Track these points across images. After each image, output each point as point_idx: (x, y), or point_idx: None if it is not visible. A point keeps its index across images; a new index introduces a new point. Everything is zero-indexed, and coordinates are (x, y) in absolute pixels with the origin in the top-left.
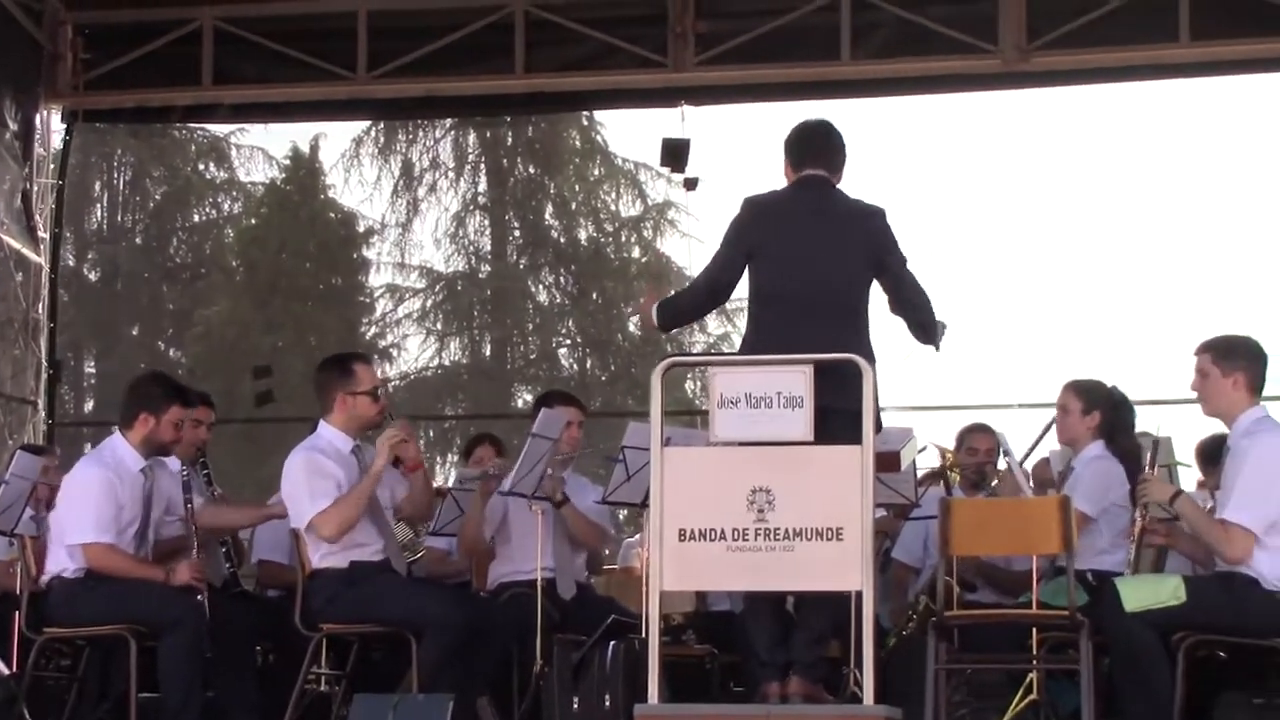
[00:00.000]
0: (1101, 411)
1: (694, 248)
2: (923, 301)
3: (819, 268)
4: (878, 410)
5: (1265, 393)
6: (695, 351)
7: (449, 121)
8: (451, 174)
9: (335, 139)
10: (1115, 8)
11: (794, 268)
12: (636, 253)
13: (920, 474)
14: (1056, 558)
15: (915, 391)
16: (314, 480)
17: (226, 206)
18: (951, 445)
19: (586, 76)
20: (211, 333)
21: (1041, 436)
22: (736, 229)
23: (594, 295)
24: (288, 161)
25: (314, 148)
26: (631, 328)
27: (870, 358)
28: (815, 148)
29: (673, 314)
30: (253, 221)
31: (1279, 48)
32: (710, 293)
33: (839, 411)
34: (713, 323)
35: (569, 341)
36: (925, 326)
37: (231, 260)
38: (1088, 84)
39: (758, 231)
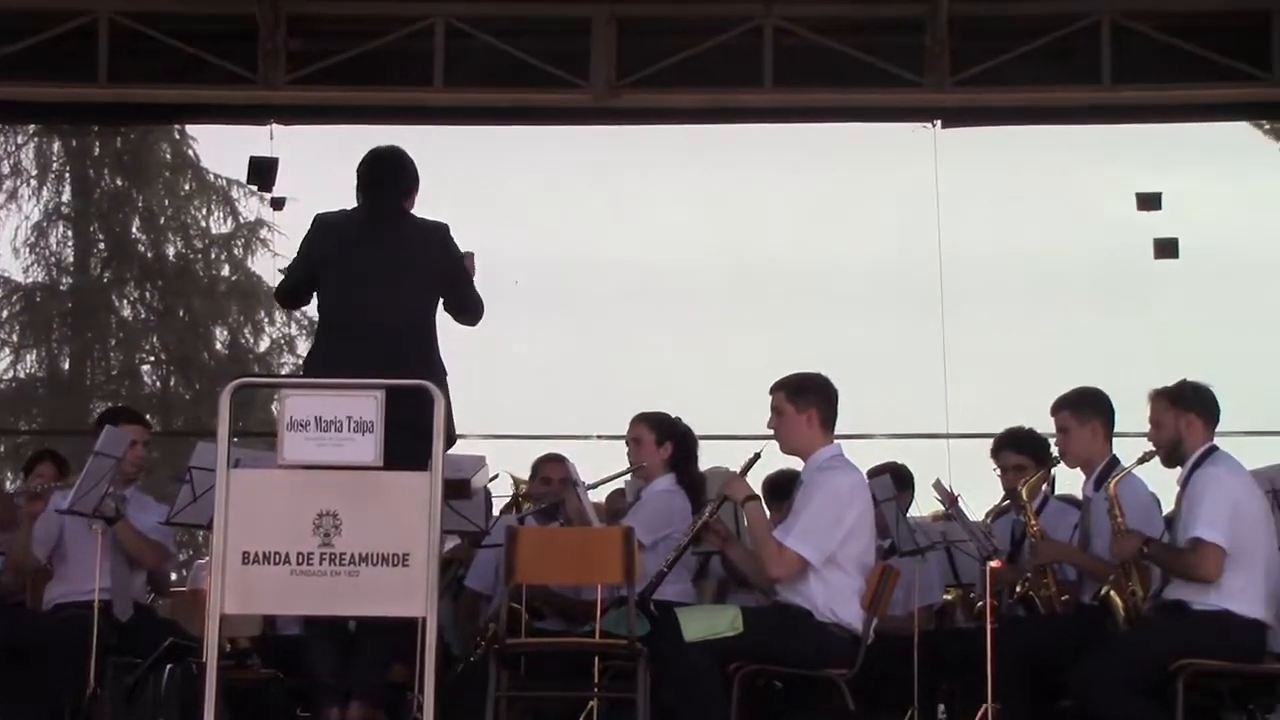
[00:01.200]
0: (672, 443)
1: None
2: (478, 316)
3: (383, 289)
4: (450, 424)
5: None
6: (284, 374)
7: (32, 128)
8: (34, 182)
9: None
10: (704, 50)
11: (358, 289)
12: (226, 270)
13: (500, 503)
14: (619, 587)
15: (492, 421)
16: None
17: None
18: (526, 474)
19: (174, 89)
20: None
21: (625, 473)
22: (305, 245)
23: (180, 312)
24: None
25: None
26: (218, 346)
27: (440, 375)
28: (383, 173)
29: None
30: None
31: (857, 98)
32: (288, 293)
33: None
34: (303, 345)
35: (153, 358)
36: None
37: None
38: (677, 123)
39: (323, 250)
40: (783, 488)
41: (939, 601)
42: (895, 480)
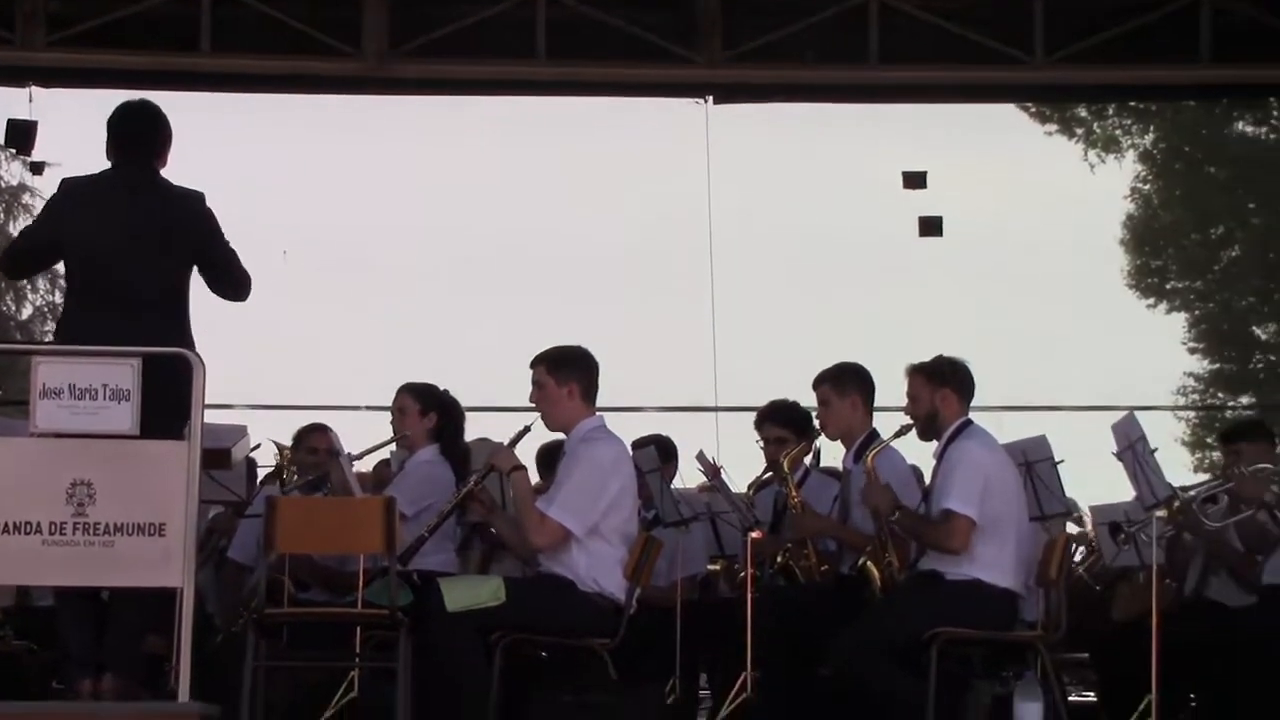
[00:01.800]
0: (438, 413)
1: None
2: (245, 289)
3: (133, 258)
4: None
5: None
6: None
7: None
8: None
9: None
10: (477, 20)
11: (107, 258)
12: None
13: (262, 473)
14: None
15: (257, 391)
16: None
17: None
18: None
19: None
20: None
21: (389, 442)
22: (49, 211)
23: None
24: None
25: None
26: None
27: (191, 348)
28: (134, 131)
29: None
30: None
31: (630, 72)
32: (14, 258)
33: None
34: None
35: None
36: (241, 297)
37: None
38: (450, 94)
39: (69, 215)
40: (555, 459)
41: (703, 572)
42: (660, 452)
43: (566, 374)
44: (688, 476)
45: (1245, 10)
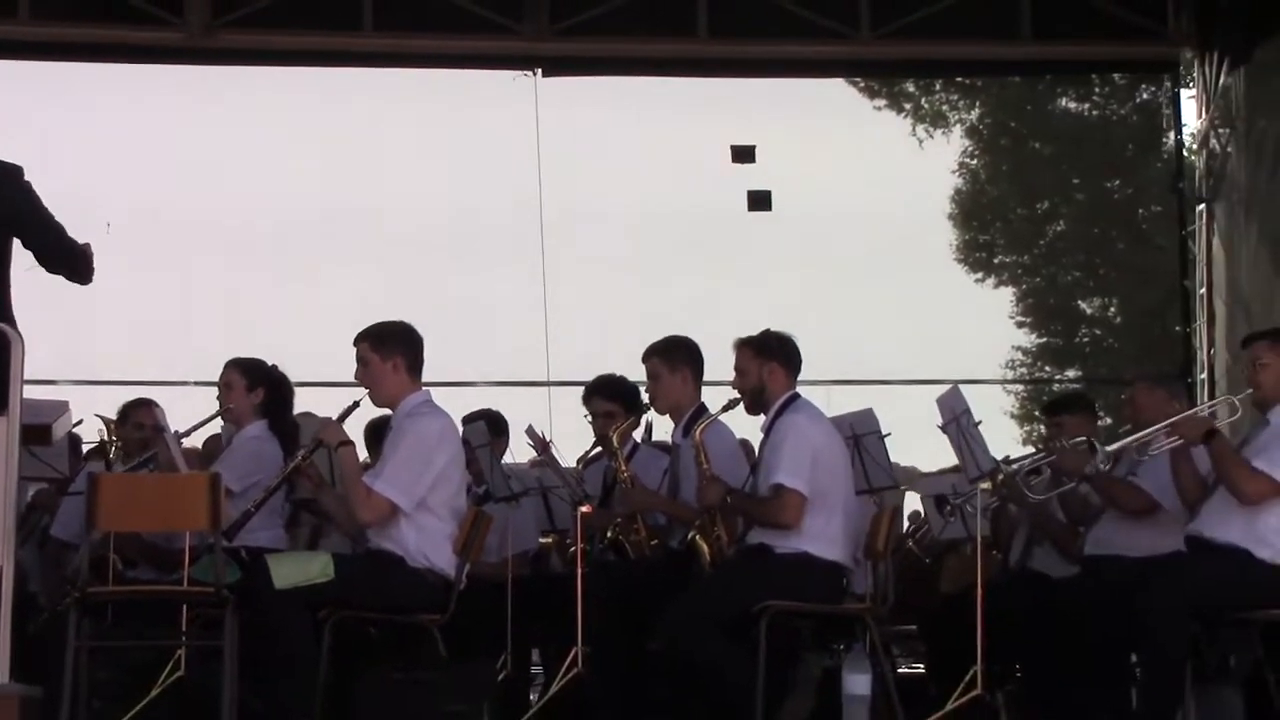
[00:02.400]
0: (265, 389)
1: None
2: (76, 260)
3: None
4: None
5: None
6: None
7: None
8: None
9: None
10: None
11: None
12: None
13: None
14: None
15: (82, 366)
16: None
17: None
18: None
19: None
20: None
21: (215, 416)
22: None
23: None
24: None
25: None
26: None
27: (10, 322)
28: None
29: None
30: None
31: (458, 44)
32: None
33: None
34: None
35: None
36: (79, 273)
37: None
38: (276, 65)
39: None
40: (382, 435)
41: (534, 547)
42: (490, 426)
43: (390, 349)
44: (520, 451)
45: None
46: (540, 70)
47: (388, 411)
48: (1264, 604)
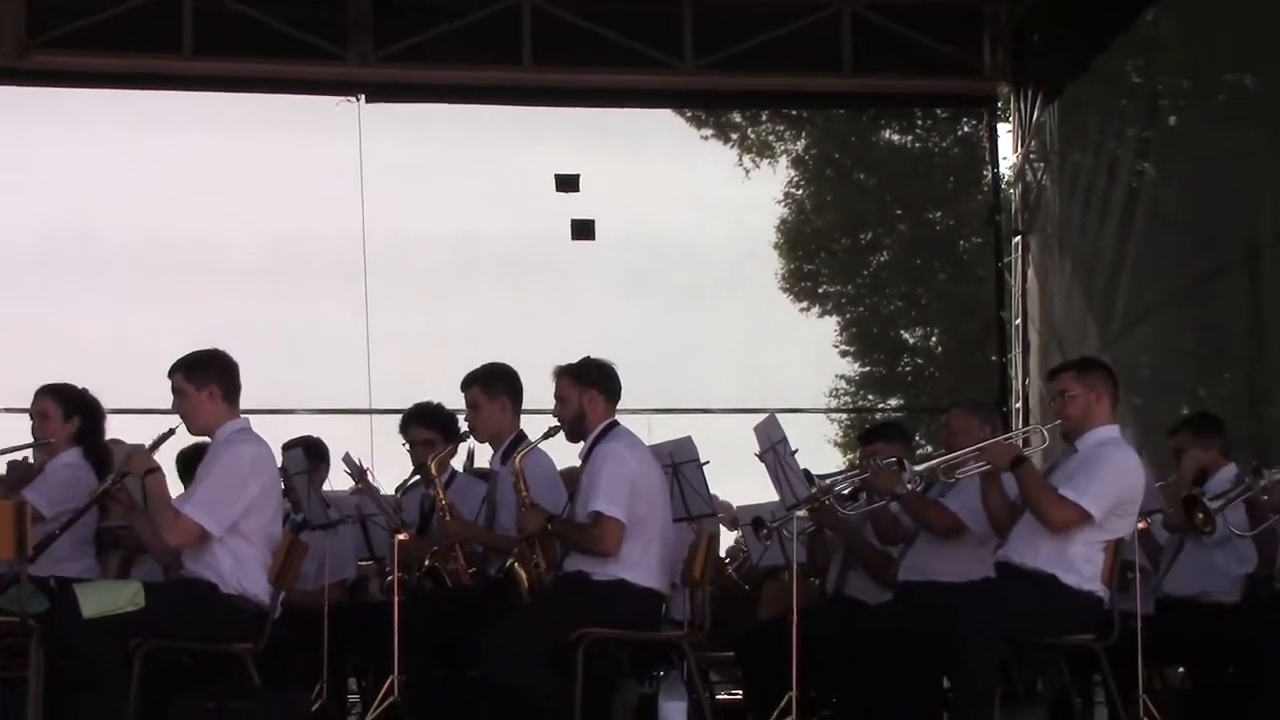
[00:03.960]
0: (80, 416)
1: None
2: None
3: None
4: None
5: None
6: None
7: None
8: None
9: None
10: (119, 12)
11: None
12: None
13: None
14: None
15: None
16: None
17: None
18: None
19: None
20: None
21: (28, 446)
22: None
23: None
24: None
25: None
26: None
27: None
28: None
29: None
30: None
31: (281, 69)
32: None
33: None
34: None
35: None
36: None
37: None
38: (91, 87)
39: None
40: (195, 463)
41: (353, 575)
42: (310, 453)
43: (204, 378)
44: (342, 479)
45: (883, 23)
46: (364, 96)
47: (202, 440)
48: (1070, 629)
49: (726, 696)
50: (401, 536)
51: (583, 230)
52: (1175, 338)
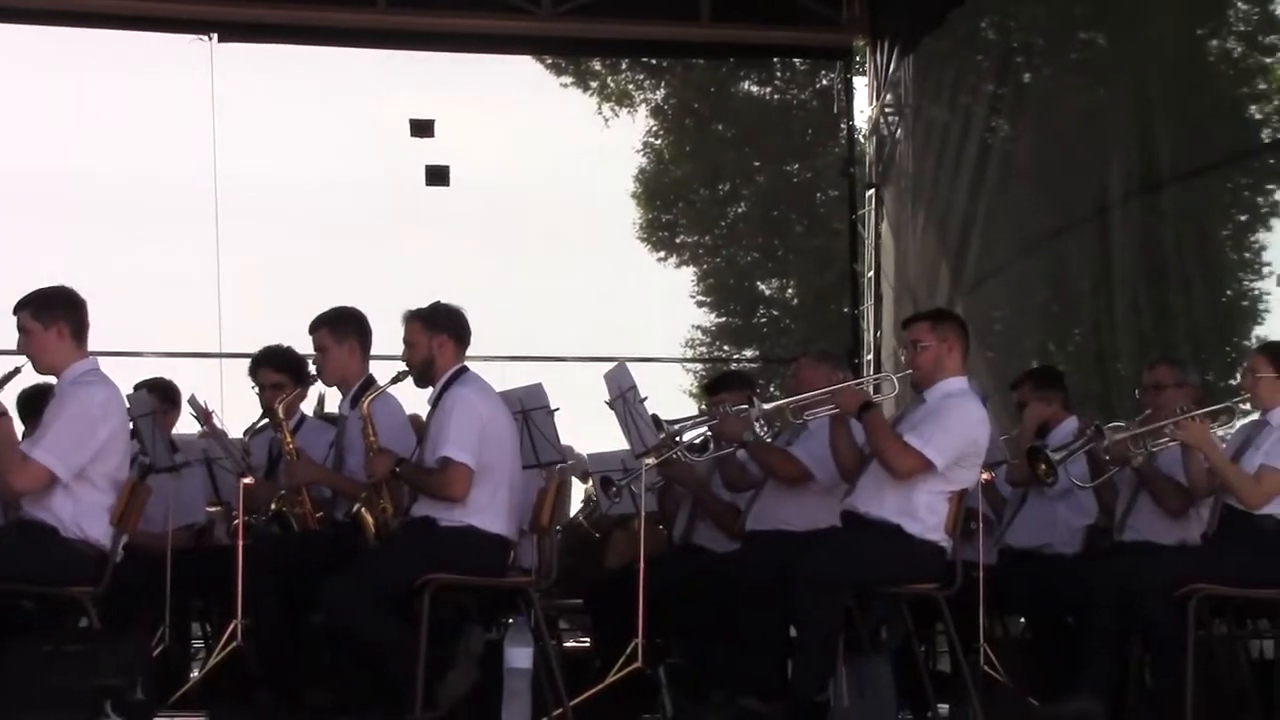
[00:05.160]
0: None
1: None
2: None
3: None
4: None
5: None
6: None
7: None
8: None
9: None
10: None
11: None
12: None
13: None
14: None
15: None
16: None
17: None
18: None
19: None
20: None
21: None
22: None
23: None
24: None
25: None
26: None
27: None
28: None
29: None
30: None
31: (135, 4)
32: None
33: None
34: None
35: None
36: None
37: None
38: None
39: None
40: (39, 404)
41: (202, 519)
42: (161, 396)
43: (52, 316)
44: (193, 423)
45: None
46: (216, 35)
47: (46, 380)
48: (914, 578)
49: (574, 644)
50: (247, 480)
51: (437, 176)
52: (1026, 293)
